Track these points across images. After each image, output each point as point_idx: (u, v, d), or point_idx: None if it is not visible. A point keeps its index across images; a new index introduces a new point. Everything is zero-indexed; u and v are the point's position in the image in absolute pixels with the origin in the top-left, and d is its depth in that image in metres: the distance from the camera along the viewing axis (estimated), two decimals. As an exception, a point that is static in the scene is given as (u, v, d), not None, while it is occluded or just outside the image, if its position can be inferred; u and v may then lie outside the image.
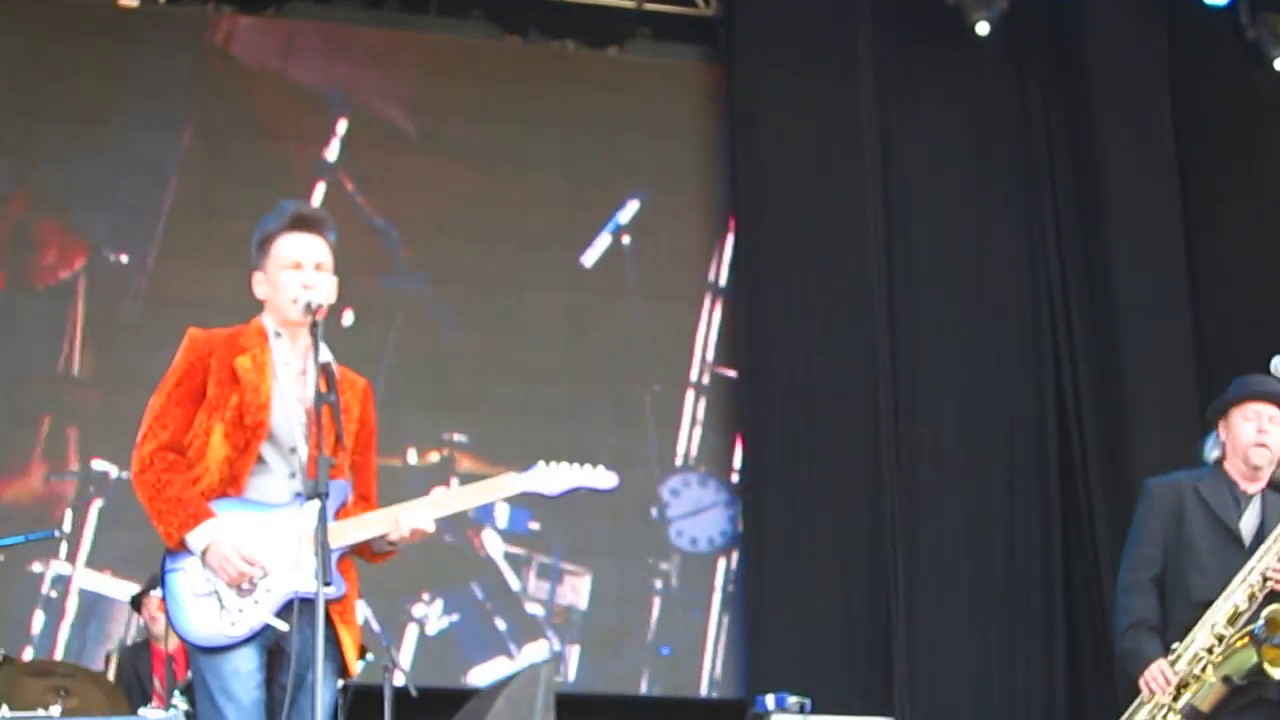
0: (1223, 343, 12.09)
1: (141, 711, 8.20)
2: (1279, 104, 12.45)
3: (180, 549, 5.38)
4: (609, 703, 11.44)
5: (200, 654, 5.40)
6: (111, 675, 9.10)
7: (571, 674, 11.68)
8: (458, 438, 11.91)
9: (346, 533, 5.44)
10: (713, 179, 12.72)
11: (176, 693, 8.23)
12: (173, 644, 9.30)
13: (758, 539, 11.89)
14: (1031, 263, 12.55)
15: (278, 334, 5.60)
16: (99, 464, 11.34)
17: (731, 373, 12.42)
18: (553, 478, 5.82)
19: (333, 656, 5.41)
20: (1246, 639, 6.69)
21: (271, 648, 5.42)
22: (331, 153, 12.26)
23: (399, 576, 10.59)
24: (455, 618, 11.66)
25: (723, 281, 12.57)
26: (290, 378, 5.55)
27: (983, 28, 12.26)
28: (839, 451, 12.03)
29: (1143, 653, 6.90)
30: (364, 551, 5.63)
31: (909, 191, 12.55)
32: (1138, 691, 6.94)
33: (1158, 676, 6.81)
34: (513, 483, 5.78)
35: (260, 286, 5.64)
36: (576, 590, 11.87)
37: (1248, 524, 6.96)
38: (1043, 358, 12.39)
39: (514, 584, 11.79)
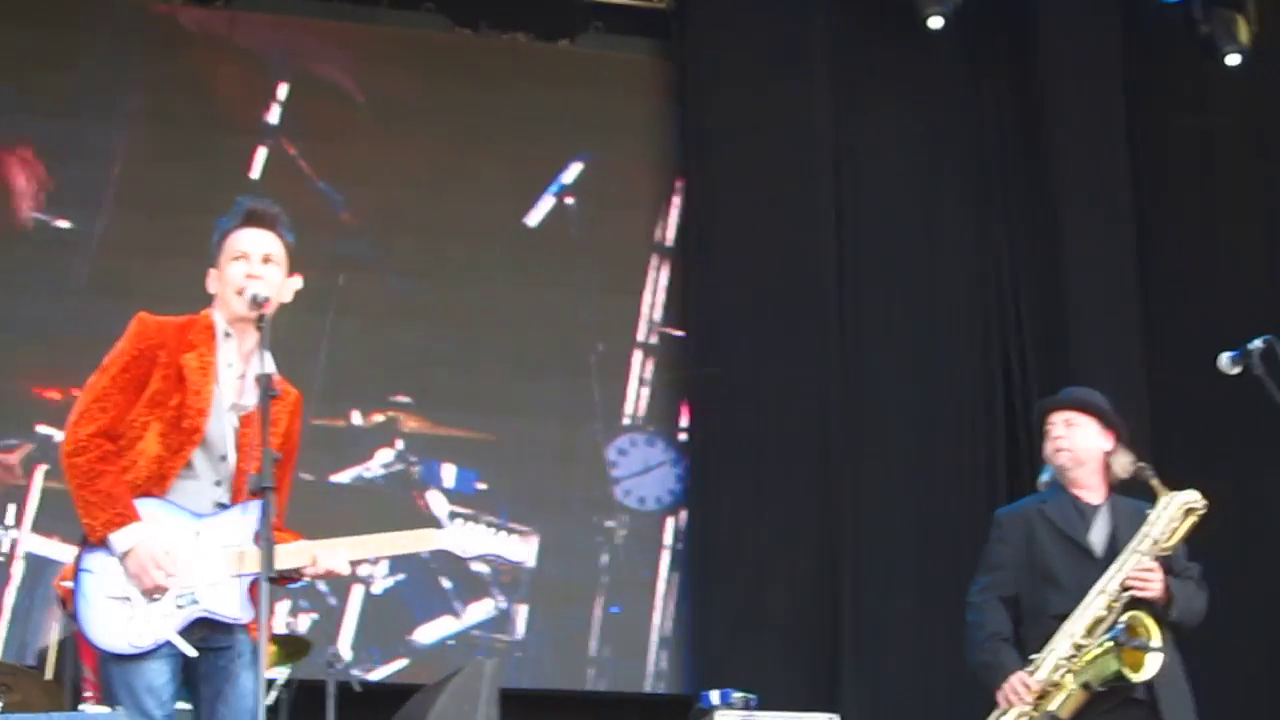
0: (1172, 337, 12.14)
1: (82, 707, 8.18)
2: (1232, 100, 12.46)
3: (100, 545, 5.34)
4: (554, 698, 11.41)
5: (112, 664, 5.36)
6: (49, 673, 9.08)
7: (519, 632, 11.69)
8: (402, 399, 11.87)
9: (259, 561, 5.33)
10: (659, 141, 12.70)
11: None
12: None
13: (701, 531, 11.90)
14: (982, 254, 12.55)
15: (227, 334, 5.59)
16: (43, 429, 11.26)
17: (680, 333, 12.43)
18: (469, 540, 5.85)
19: (254, 655, 5.36)
20: (1107, 646, 6.83)
21: (185, 662, 5.40)
22: (273, 116, 12.21)
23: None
24: (401, 577, 11.60)
25: (669, 243, 12.56)
26: (230, 381, 5.55)
27: (936, 22, 12.20)
28: (786, 449, 12.01)
29: (1001, 664, 7.04)
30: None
31: (862, 184, 12.52)
32: (994, 705, 7.05)
33: (1017, 687, 6.93)
34: (428, 539, 5.83)
35: (212, 282, 5.66)
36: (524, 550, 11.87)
37: (1097, 536, 7.16)
38: (992, 349, 12.38)
39: (460, 544, 11.77)
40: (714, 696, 9.95)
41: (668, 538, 12.08)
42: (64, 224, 11.78)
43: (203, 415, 5.43)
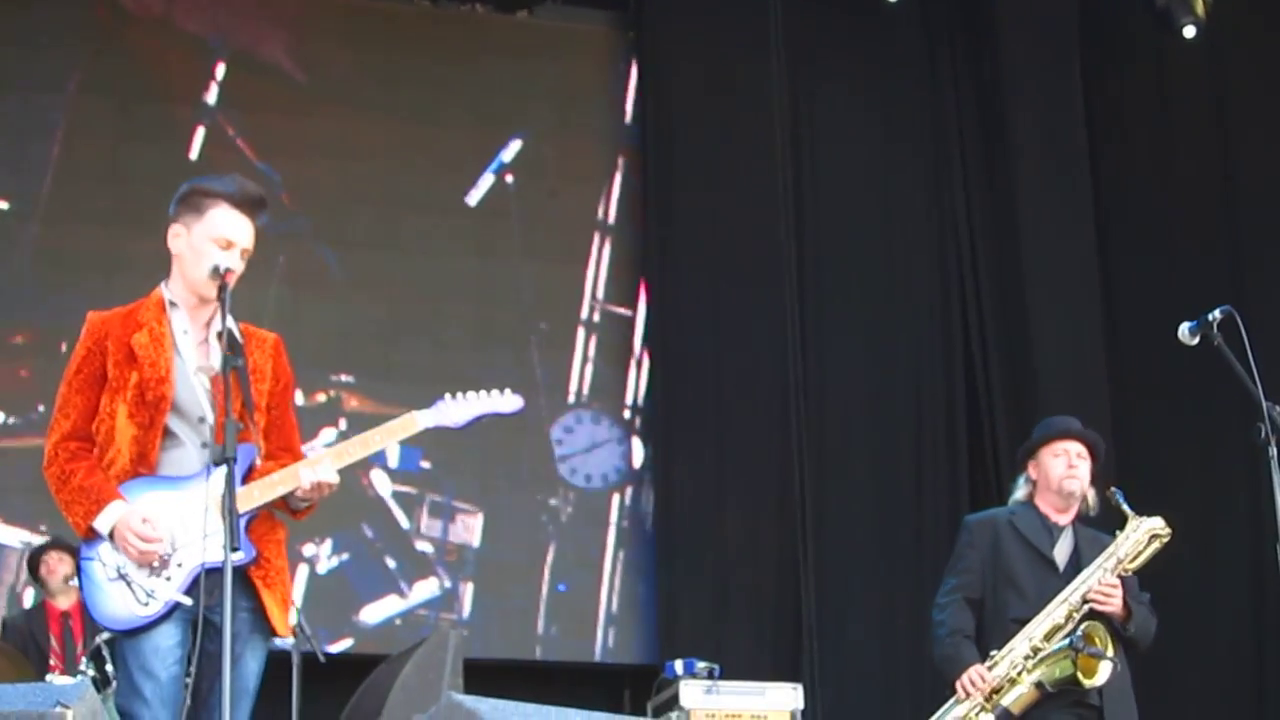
0: (1131, 311, 12.23)
1: (48, 678, 8.16)
2: (1189, 72, 12.49)
3: (91, 536, 5.33)
4: (512, 668, 11.39)
5: (121, 637, 5.37)
6: (-1, 637, 9.09)
7: (466, 610, 11.72)
8: (344, 378, 11.89)
9: (252, 496, 5.38)
10: (604, 118, 12.75)
11: (85, 659, 8.19)
12: (67, 602, 9.30)
13: (667, 503, 11.94)
14: (941, 225, 12.60)
15: (174, 304, 5.52)
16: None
17: (624, 310, 12.47)
18: (456, 410, 5.78)
19: (259, 624, 5.41)
20: (1064, 650, 7.10)
21: (194, 620, 5.33)
22: (211, 96, 12.19)
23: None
24: (345, 557, 11.65)
25: (612, 220, 12.59)
26: (191, 347, 5.49)
27: None
28: (748, 424, 12.06)
29: (961, 658, 7.28)
30: (283, 508, 5.58)
31: (818, 159, 12.58)
32: (951, 694, 7.27)
33: (974, 678, 7.17)
34: (416, 420, 5.72)
35: (177, 241, 5.54)
36: (469, 528, 11.88)
37: (1061, 552, 7.43)
38: (952, 325, 12.46)
39: (404, 523, 11.79)
40: (678, 666, 9.98)
41: (614, 515, 12.12)
42: (2, 204, 11.70)
43: (164, 383, 5.39)
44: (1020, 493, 7.55)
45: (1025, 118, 12.50)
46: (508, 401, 5.88)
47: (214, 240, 5.47)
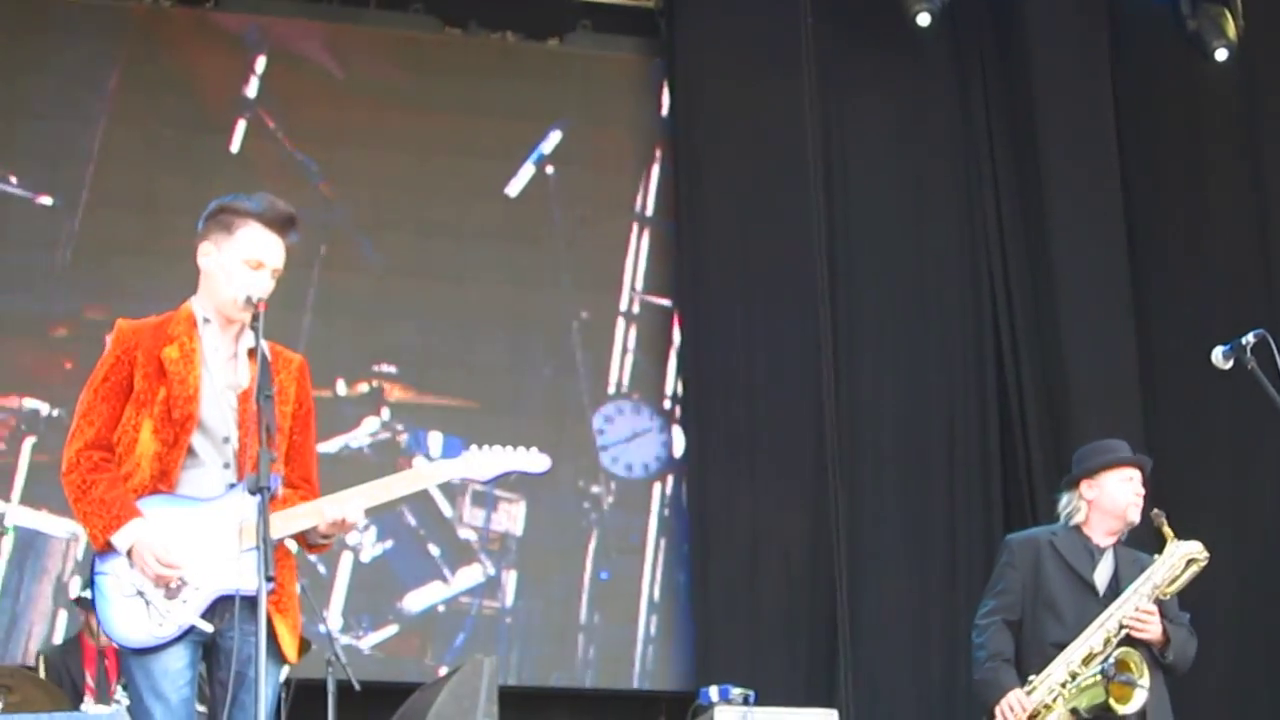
0: (1163, 329, 12.17)
1: (83, 707, 8.25)
2: (1219, 94, 12.41)
3: (107, 550, 5.34)
4: (548, 695, 11.42)
5: (130, 655, 5.36)
6: (41, 673, 9.13)
7: (509, 599, 11.74)
8: (386, 368, 11.90)
9: (274, 527, 5.30)
10: (634, 142, 12.74)
11: (119, 688, 8.26)
12: (106, 641, 9.35)
13: (701, 529, 11.91)
14: (973, 248, 12.58)
15: (206, 320, 5.52)
16: (30, 402, 11.30)
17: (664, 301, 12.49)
18: (484, 463, 5.79)
19: (270, 648, 5.36)
20: (1097, 677, 7.12)
21: (206, 644, 5.39)
22: (251, 90, 12.26)
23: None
24: (389, 545, 11.65)
25: (647, 231, 12.60)
26: (220, 364, 5.49)
27: (924, 19, 12.22)
28: (781, 445, 12.05)
29: (1000, 683, 7.30)
30: (300, 540, 5.60)
31: (850, 181, 12.56)
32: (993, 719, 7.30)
33: (1014, 704, 7.20)
34: (444, 470, 5.79)
35: (207, 259, 5.54)
36: (512, 516, 11.88)
37: (1101, 575, 7.43)
38: (984, 345, 12.42)
39: (447, 510, 11.78)
40: (713, 693, 9.98)
41: (655, 504, 12.13)
42: (46, 199, 11.75)
43: (192, 402, 5.39)
44: (1079, 516, 7.52)
45: (1056, 135, 12.43)
46: (536, 461, 5.88)
47: (245, 261, 5.47)
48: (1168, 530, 7.33)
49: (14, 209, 11.70)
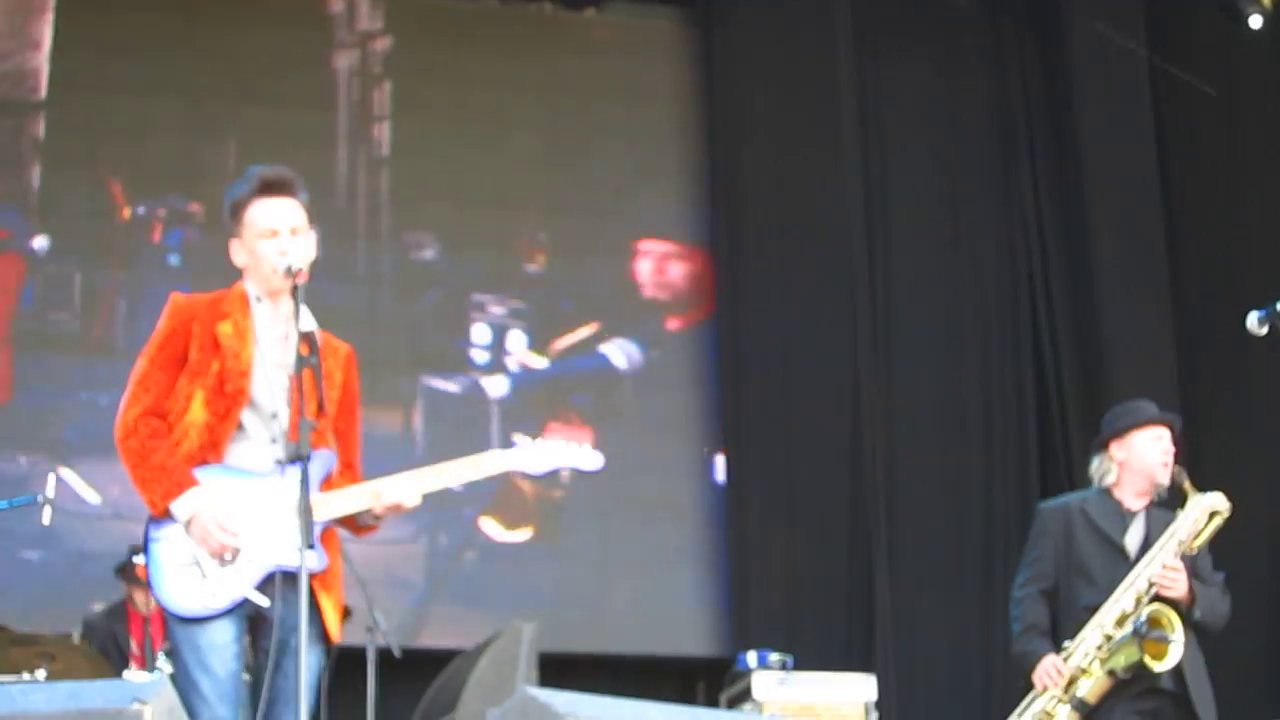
0: (1199, 296, 12.14)
1: (126, 674, 8.26)
2: (1256, 65, 12.32)
3: (164, 517, 5.39)
4: (587, 661, 11.39)
5: (178, 624, 5.42)
6: (76, 637, 9.17)
7: (548, 565, 11.82)
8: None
9: (329, 505, 5.45)
10: (671, 114, 12.73)
11: (161, 655, 8.28)
12: (152, 608, 9.39)
13: (738, 496, 11.96)
14: (1010, 227, 12.60)
15: (259, 299, 5.60)
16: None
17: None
18: (538, 456, 5.78)
19: (314, 623, 5.39)
20: (1130, 637, 7.16)
21: (252, 616, 5.45)
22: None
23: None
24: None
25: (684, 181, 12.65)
26: (272, 343, 5.56)
27: None
28: (819, 413, 12.09)
29: (1036, 652, 7.36)
30: (348, 523, 5.64)
31: (887, 155, 12.59)
32: (1031, 689, 7.35)
33: (1050, 670, 7.26)
34: (498, 461, 5.75)
35: (239, 254, 5.64)
36: (550, 482, 11.81)
37: (1133, 539, 7.43)
38: (1021, 320, 12.46)
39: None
40: (751, 658, 10.00)
41: (692, 470, 12.22)
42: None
43: (244, 377, 5.47)
44: (1110, 477, 7.51)
45: (1093, 112, 12.42)
46: (590, 459, 5.89)
47: (260, 236, 5.56)
48: (1188, 485, 7.33)
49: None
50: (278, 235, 5.55)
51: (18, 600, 10.56)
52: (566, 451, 5.84)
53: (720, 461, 12.11)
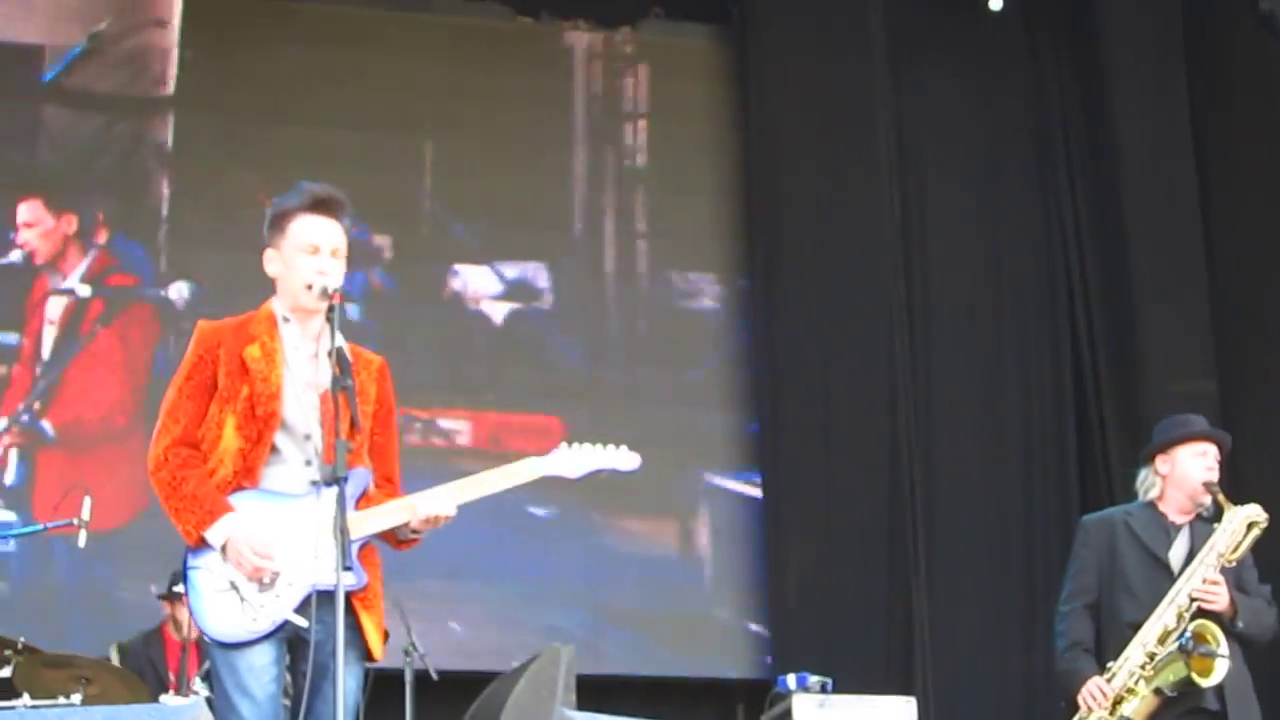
0: (1239, 304, 12.09)
1: (162, 699, 8.25)
2: None
3: (200, 545, 5.37)
4: (625, 684, 11.30)
5: (218, 649, 5.40)
6: (115, 661, 9.14)
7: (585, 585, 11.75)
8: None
9: (366, 523, 5.42)
10: (706, 131, 12.71)
11: (198, 679, 8.28)
12: (192, 635, 9.37)
13: (776, 517, 11.91)
14: (1047, 236, 12.56)
15: (286, 319, 5.57)
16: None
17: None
18: (575, 460, 5.77)
19: (355, 644, 5.39)
20: (1176, 654, 7.13)
21: (291, 638, 5.42)
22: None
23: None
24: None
25: (721, 223, 12.59)
26: (301, 362, 5.53)
27: (996, 3, 12.35)
28: (856, 431, 12.04)
29: (1080, 671, 7.34)
30: (389, 538, 5.61)
31: (924, 166, 12.58)
32: (1076, 709, 7.31)
33: (1095, 692, 7.23)
34: (534, 467, 5.72)
35: (273, 264, 5.61)
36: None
37: (1177, 553, 7.41)
38: (1059, 329, 12.42)
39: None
40: (790, 680, 9.94)
41: (730, 489, 12.15)
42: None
43: (275, 399, 5.43)
44: (1154, 491, 7.49)
45: (1131, 121, 12.38)
46: (627, 459, 5.87)
47: (301, 250, 5.53)
48: (1223, 499, 7.32)
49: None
50: (318, 253, 5.53)
51: (51, 623, 10.56)
52: (603, 454, 5.83)
53: (758, 481, 12.07)
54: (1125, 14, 12.45)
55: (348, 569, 5.11)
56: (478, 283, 12.15)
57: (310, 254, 5.52)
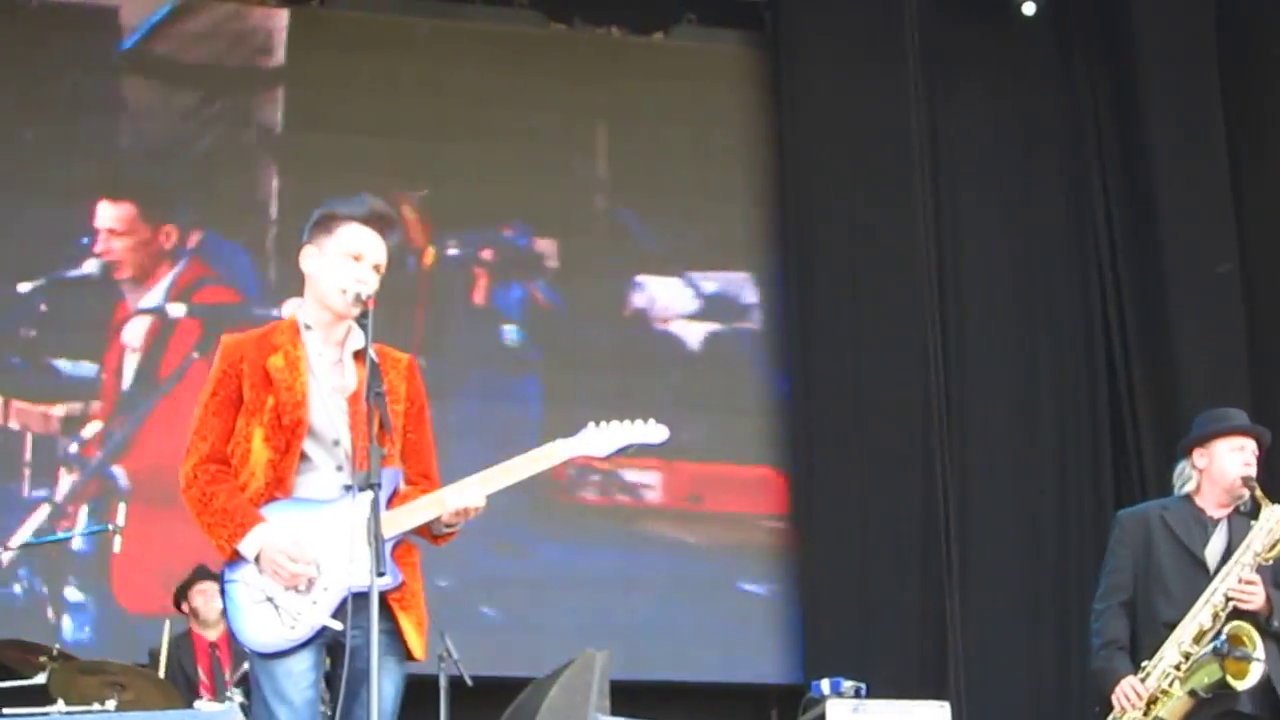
0: (1272, 302, 12.09)
1: (197, 705, 8.26)
2: None
3: (235, 559, 5.39)
4: (659, 689, 11.24)
5: (257, 658, 5.40)
6: (161, 671, 9.16)
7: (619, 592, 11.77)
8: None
9: (397, 521, 5.39)
10: (739, 137, 12.72)
11: (234, 685, 8.28)
12: (216, 633, 9.40)
13: (809, 522, 11.92)
14: (1080, 237, 12.57)
15: (308, 327, 5.58)
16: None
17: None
18: (602, 438, 5.70)
19: (393, 648, 5.40)
20: (1211, 656, 7.05)
21: (330, 644, 5.41)
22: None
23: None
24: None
25: (751, 228, 12.60)
26: (326, 369, 5.53)
27: (1029, 8, 12.40)
28: (890, 435, 12.05)
29: (1115, 670, 7.26)
30: (424, 534, 5.59)
31: (957, 173, 12.59)
32: (1110, 708, 7.24)
33: (1129, 692, 7.16)
34: (562, 449, 5.67)
35: (309, 261, 5.60)
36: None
37: (1213, 549, 7.32)
38: (1093, 333, 12.42)
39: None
40: (824, 685, 9.93)
41: (763, 495, 12.16)
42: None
43: (300, 407, 5.43)
44: (1190, 484, 7.42)
45: (1163, 127, 12.38)
46: (654, 432, 5.76)
47: (344, 254, 5.52)
48: (1260, 495, 7.24)
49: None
50: (361, 260, 5.53)
51: (85, 629, 10.58)
52: (630, 429, 5.74)
53: (792, 486, 12.07)
54: (1157, 16, 12.46)
55: (381, 573, 5.08)
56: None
57: (354, 261, 5.52)
